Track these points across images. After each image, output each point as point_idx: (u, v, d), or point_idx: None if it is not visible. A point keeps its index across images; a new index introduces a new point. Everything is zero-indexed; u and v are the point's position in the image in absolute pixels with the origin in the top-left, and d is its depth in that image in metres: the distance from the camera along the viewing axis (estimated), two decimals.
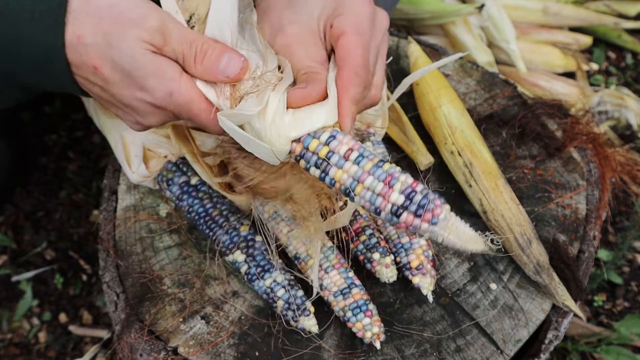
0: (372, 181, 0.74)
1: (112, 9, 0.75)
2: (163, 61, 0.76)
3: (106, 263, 1.05)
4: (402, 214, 0.72)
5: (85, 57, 0.76)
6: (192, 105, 0.77)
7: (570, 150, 1.14)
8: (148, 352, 0.95)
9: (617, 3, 1.98)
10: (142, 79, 0.76)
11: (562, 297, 0.98)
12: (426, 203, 0.72)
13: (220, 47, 0.77)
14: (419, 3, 1.76)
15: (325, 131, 0.77)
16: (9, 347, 1.45)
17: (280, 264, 0.98)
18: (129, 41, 0.74)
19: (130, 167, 1.10)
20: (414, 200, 0.72)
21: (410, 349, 0.95)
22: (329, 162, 0.76)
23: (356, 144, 0.76)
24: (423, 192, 0.72)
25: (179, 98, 0.76)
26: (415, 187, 0.73)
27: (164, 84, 0.76)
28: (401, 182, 0.73)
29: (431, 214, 0.71)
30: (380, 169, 0.74)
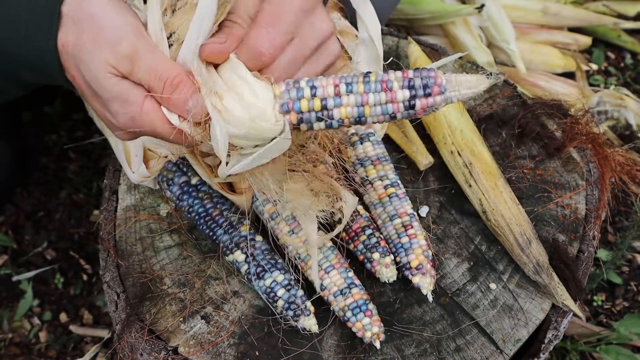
0: (374, 96, 0.77)
1: (94, 23, 0.75)
2: (126, 86, 0.76)
3: (106, 263, 1.06)
4: (416, 103, 0.76)
5: (66, 65, 0.78)
6: (156, 129, 0.77)
7: (570, 150, 1.14)
8: (148, 351, 0.95)
9: (616, 3, 1.98)
10: (106, 100, 0.77)
11: (562, 297, 0.98)
12: (427, 80, 0.76)
13: (189, 85, 0.75)
14: (419, 3, 1.76)
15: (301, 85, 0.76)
16: (10, 347, 1.45)
17: (282, 263, 0.99)
18: (96, 62, 0.75)
19: (131, 167, 1.10)
20: (416, 85, 0.76)
21: (410, 349, 0.95)
22: (327, 108, 0.77)
23: (335, 78, 0.77)
24: (417, 75, 0.76)
25: (142, 123, 0.76)
26: (407, 76, 0.76)
27: (125, 108, 0.76)
28: (396, 80, 0.76)
29: (437, 86, 0.75)
30: (372, 83, 0.77)
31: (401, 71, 0.77)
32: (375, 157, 1.07)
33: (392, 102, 0.77)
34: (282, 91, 0.76)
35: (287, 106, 0.76)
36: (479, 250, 1.05)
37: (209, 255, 1.04)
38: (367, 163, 1.07)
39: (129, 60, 0.74)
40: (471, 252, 1.05)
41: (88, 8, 0.75)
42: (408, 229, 1.00)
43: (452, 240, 1.06)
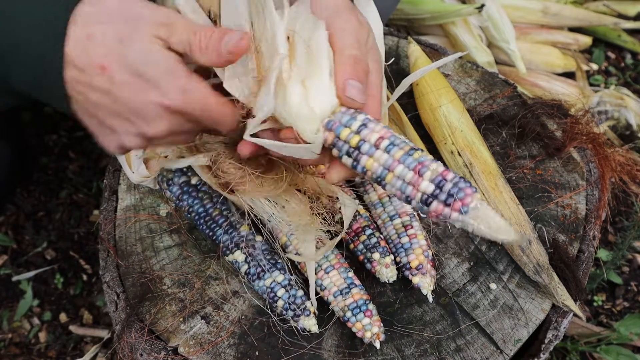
0: (403, 169, 0.74)
1: (122, 7, 0.75)
2: (174, 58, 0.75)
3: (106, 263, 1.05)
4: (432, 203, 0.72)
5: (94, 55, 0.74)
6: (206, 101, 0.76)
7: (570, 150, 1.14)
8: (148, 351, 0.95)
9: (616, 3, 1.98)
10: (154, 77, 0.74)
11: (562, 297, 0.98)
12: (456, 192, 0.70)
13: (221, 29, 0.76)
14: (419, 3, 1.76)
15: (357, 119, 0.77)
16: (10, 347, 1.45)
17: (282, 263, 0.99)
18: (142, 37, 0.74)
19: (131, 167, 1.10)
20: (444, 189, 0.71)
21: (410, 349, 0.95)
22: (360, 150, 0.76)
23: (387, 132, 0.76)
24: (454, 181, 0.71)
25: (194, 94, 0.75)
26: (446, 175, 0.72)
27: (177, 80, 0.74)
28: (431, 171, 0.72)
29: (461, 203, 0.70)
30: (411, 157, 0.74)
31: (445, 168, 0.73)
32: None
33: (414, 186, 0.73)
34: (341, 112, 0.77)
35: (331, 125, 0.77)
36: (479, 250, 1.05)
37: (209, 255, 1.04)
38: None
39: (166, 27, 0.75)
40: (471, 252, 1.05)
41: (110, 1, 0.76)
42: (408, 229, 1.00)
43: (452, 240, 1.06)
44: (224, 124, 0.79)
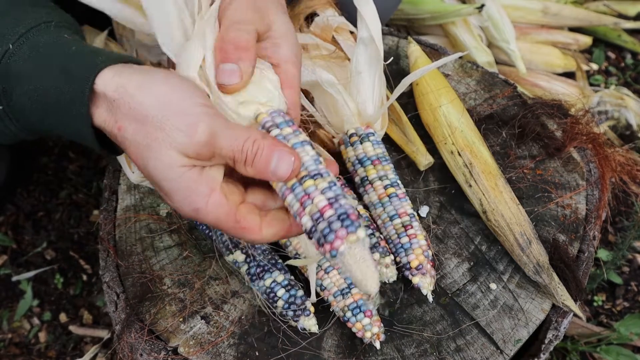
0: (292, 199, 0.71)
1: (162, 110, 0.71)
2: (196, 177, 0.72)
3: (106, 263, 1.05)
4: (311, 239, 0.70)
5: (123, 147, 0.73)
6: (220, 224, 0.74)
7: (570, 150, 1.14)
8: (148, 352, 0.95)
9: (617, 3, 1.98)
10: (169, 190, 0.72)
11: (562, 297, 0.98)
12: (327, 233, 0.67)
13: (269, 145, 0.72)
14: (419, 3, 1.76)
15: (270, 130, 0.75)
16: (9, 347, 1.45)
17: (282, 263, 0.99)
18: (169, 156, 0.71)
19: (131, 167, 1.10)
20: (318, 228, 0.68)
21: (410, 349, 0.95)
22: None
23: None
24: (329, 219, 0.68)
25: (205, 216, 0.73)
26: (324, 212, 0.68)
27: (190, 200, 0.72)
28: (313, 204, 0.69)
29: (330, 247, 0.67)
30: (300, 187, 0.71)
31: (328, 202, 0.69)
32: (375, 157, 1.07)
33: (299, 216, 0.71)
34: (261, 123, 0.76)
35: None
36: (479, 250, 1.05)
37: (209, 255, 1.04)
38: (367, 163, 1.07)
39: (208, 146, 0.71)
40: (471, 252, 1.05)
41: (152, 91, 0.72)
42: (408, 229, 1.00)
43: (452, 240, 1.06)
44: (245, 239, 0.76)
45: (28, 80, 0.73)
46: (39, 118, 0.75)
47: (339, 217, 0.68)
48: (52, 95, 0.73)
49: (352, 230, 0.67)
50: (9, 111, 0.75)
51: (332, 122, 1.11)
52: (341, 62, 1.13)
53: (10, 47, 0.73)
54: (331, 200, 0.69)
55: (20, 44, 0.74)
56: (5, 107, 0.75)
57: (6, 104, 0.75)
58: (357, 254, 0.67)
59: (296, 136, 0.74)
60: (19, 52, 0.74)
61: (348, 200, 0.70)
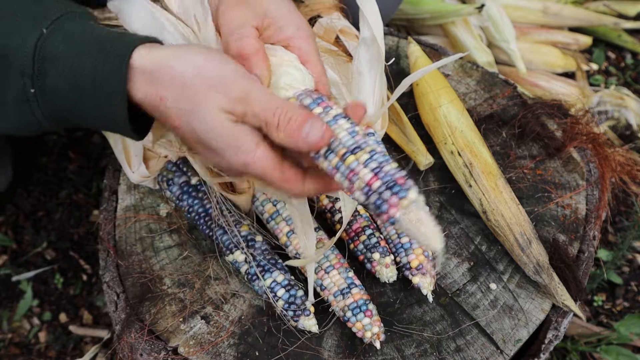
0: (340, 177, 0.73)
1: (198, 75, 0.75)
2: (241, 133, 0.76)
3: (106, 263, 1.05)
4: (368, 209, 0.72)
5: (166, 116, 0.77)
6: (266, 176, 0.77)
7: (570, 150, 1.14)
8: (148, 352, 0.95)
9: (617, 3, 1.98)
10: (218, 148, 0.76)
11: (562, 297, 0.98)
12: (380, 204, 0.69)
13: (303, 113, 0.75)
14: (419, 3, 1.76)
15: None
16: (9, 347, 1.45)
17: (282, 263, 0.99)
18: (211, 111, 0.74)
19: (131, 167, 1.10)
20: (371, 199, 0.70)
21: (410, 349, 0.95)
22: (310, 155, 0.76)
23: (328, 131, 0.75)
24: (379, 190, 0.70)
25: (254, 169, 0.76)
26: (372, 184, 0.70)
27: (239, 156, 0.75)
28: (360, 179, 0.71)
29: (386, 216, 0.69)
30: (344, 165, 0.73)
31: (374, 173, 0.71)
32: None
33: (351, 192, 0.73)
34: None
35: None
36: (479, 250, 1.05)
37: (209, 255, 1.04)
38: None
39: (242, 102, 0.75)
40: (471, 252, 1.05)
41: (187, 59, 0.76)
42: None
43: (452, 240, 1.06)
44: (289, 194, 0.79)
45: (64, 62, 0.75)
46: (72, 100, 0.77)
47: (387, 185, 0.70)
48: (89, 74, 0.75)
49: (403, 196, 0.69)
50: (40, 95, 0.77)
51: None
52: (343, 63, 1.13)
53: (44, 31, 0.76)
54: (376, 171, 0.71)
55: (53, 29, 0.76)
56: (37, 90, 0.77)
57: (38, 88, 0.76)
58: (413, 216, 0.68)
59: (327, 113, 0.76)
60: (53, 36, 0.76)
61: (392, 164, 0.71)
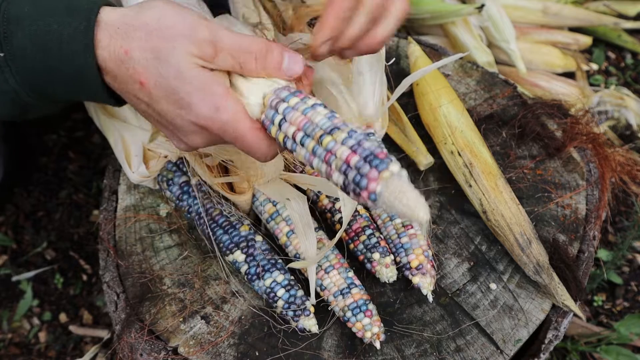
0: (317, 163, 0.71)
1: (161, 23, 0.74)
2: (210, 77, 0.74)
3: (106, 263, 1.05)
4: (348, 193, 0.68)
5: (132, 71, 0.75)
6: (238, 123, 0.75)
7: (570, 150, 1.14)
8: (148, 352, 0.95)
9: (617, 3, 1.98)
10: (187, 94, 0.74)
11: (562, 297, 0.98)
12: (359, 180, 0.66)
13: (278, 46, 0.76)
14: (419, 3, 1.76)
15: (279, 110, 0.74)
16: (9, 347, 1.45)
17: (282, 263, 0.99)
18: (178, 55, 0.73)
19: (131, 167, 1.10)
20: (349, 178, 0.67)
21: (410, 349, 0.95)
22: (286, 146, 0.74)
23: (303, 119, 0.72)
24: (357, 166, 0.66)
25: (224, 115, 0.74)
26: (350, 160, 0.67)
27: (209, 99, 0.74)
28: (338, 159, 0.68)
29: (367, 193, 0.65)
30: (321, 148, 0.70)
31: (351, 150, 0.68)
32: None
33: (330, 176, 0.70)
34: (268, 106, 0.76)
35: (265, 123, 0.76)
36: (479, 250, 1.05)
37: (209, 255, 1.04)
38: None
39: (210, 44, 0.74)
40: (471, 252, 1.05)
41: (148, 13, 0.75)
42: (408, 229, 1.00)
43: (452, 240, 1.06)
44: (256, 153, 0.78)
45: (29, 23, 0.75)
46: (40, 62, 0.76)
47: (366, 159, 0.66)
48: (55, 32, 0.75)
49: (383, 168, 0.65)
50: (10, 59, 0.76)
51: None
52: (343, 63, 1.13)
53: None
54: (354, 147, 0.68)
55: None
56: (6, 54, 0.76)
57: (7, 51, 0.76)
58: (395, 189, 0.64)
59: (304, 102, 0.74)
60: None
61: (372, 141, 0.68)
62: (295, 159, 0.77)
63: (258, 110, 0.77)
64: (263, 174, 1.01)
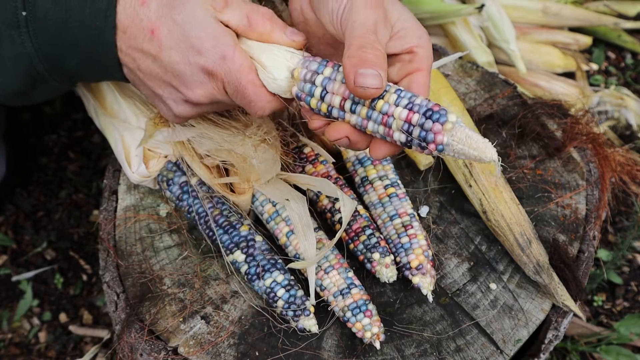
0: (373, 126, 0.74)
1: None
2: (222, 28, 0.79)
3: (106, 263, 1.05)
4: (412, 147, 0.73)
5: (146, 21, 0.78)
6: (242, 74, 0.79)
7: (570, 150, 1.14)
8: (148, 352, 0.95)
9: (617, 3, 1.98)
10: (199, 39, 0.78)
11: (562, 297, 0.98)
12: (425, 136, 0.70)
13: (281, 20, 0.81)
14: (419, 3, 1.76)
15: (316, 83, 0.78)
16: (9, 347, 1.45)
17: (281, 263, 0.99)
18: (193, 3, 0.78)
19: (131, 167, 1.10)
20: (414, 134, 0.71)
21: (410, 349, 0.95)
22: (332, 116, 0.77)
23: (347, 90, 0.76)
24: (420, 123, 0.70)
25: (232, 64, 0.78)
26: (411, 119, 0.71)
27: (219, 47, 0.78)
28: (397, 120, 0.72)
29: (434, 145, 0.70)
30: (375, 112, 0.74)
31: (409, 110, 0.72)
32: None
33: (389, 136, 0.74)
34: (300, 79, 0.79)
35: (300, 97, 0.79)
36: (479, 250, 1.05)
37: (209, 255, 1.04)
38: (367, 163, 1.07)
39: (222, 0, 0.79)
40: (471, 252, 1.04)
41: None
42: (408, 229, 1.00)
43: (452, 240, 1.06)
44: (254, 107, 0.81)
45: None
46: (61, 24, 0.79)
47: (425, 115, 0.70)
48: None
49: (444, 120, 0.70)
50: (31, 19, 0.79)
51: None
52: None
53: None
54: (409, 106, 0.72)
55: None
56: (28, 15, 0.79)
57: (29, 11, 0.78)
58: (461, 136, 0.69)
59: (339, 71, 0.77)
60: None
61: (420, 97, 0.72)
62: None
63: (286, 85, 0.80)
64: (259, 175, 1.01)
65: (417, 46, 0.82)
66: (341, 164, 1.11)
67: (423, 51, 0.82)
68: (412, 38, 0.82)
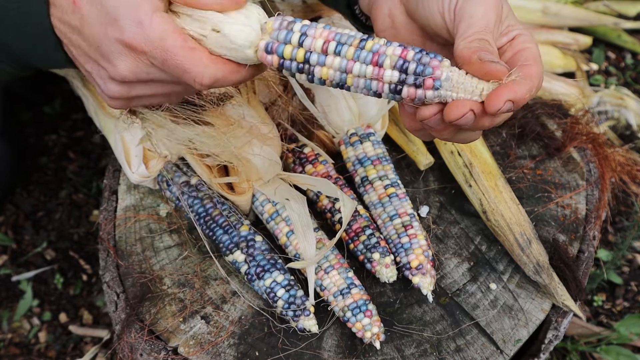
0: (360, 67, 0.69)
1: None
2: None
3: (106, 263, 1.05)
4: (403, 90, 0.68)
5: None
6: (167, 40, 0.71)
7: (570, 150, 1.14)
8: (148, 352, 0.95)
9: (617, 3, 1.98)
10: (114, 8, 0.71)
11: (562, 297, 0.98)
12: (422, 69, 0.66)
13: None
14: None
15: (293, 29, 0.71)
16: (9, 347, 1.45)
17: (281, 263, 0.99)
18: None
19: (130, 167, 1.10)
20: (409, 71, 0.67)
21: (410, 349, 0.95)
22: (309, 63, 0.71)
23: (331, 33, 0.70)
24: (416, 58, 0.67)
25: (150, 31, 0.71)
26: (405, 56, 0.68)
27: (134, 13, 0.70)
28: (390, 57, 0.68)
29: (432, 79, 0.66)
30: (364, 51, 0.69)
31: (402, 47, 0.68)
32: (375, 157, 1.07)
33: (378, 79, 0.69)
34: (274, 28, 0.72)
35: (271, 47, 0.71)
36: (479, 250, 1.05)
37: (209, 255, 1.04)
38: (367, 163, 1.07)
39: None
40: (471, 252, 1.05)
41: None
42: (408, 229, 1.00)
43: (452, 240, 1.06)
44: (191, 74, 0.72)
45: None
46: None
47: (421, 52, 0.68)
48: None
49: (440, 59, 0.67)
50: None
51: (332, 122, 1.11)
52: None
53: None
54: (402, 45, 0.69)
55: None
56: None
57: None
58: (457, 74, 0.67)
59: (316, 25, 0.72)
60: None
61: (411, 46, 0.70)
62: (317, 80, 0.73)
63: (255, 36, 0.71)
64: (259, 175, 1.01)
65: (520, 34, 0.75)
66: (341, 164, 1.11)
67: (531, 44, 0.75)
68: (517, 31, 0.76)
